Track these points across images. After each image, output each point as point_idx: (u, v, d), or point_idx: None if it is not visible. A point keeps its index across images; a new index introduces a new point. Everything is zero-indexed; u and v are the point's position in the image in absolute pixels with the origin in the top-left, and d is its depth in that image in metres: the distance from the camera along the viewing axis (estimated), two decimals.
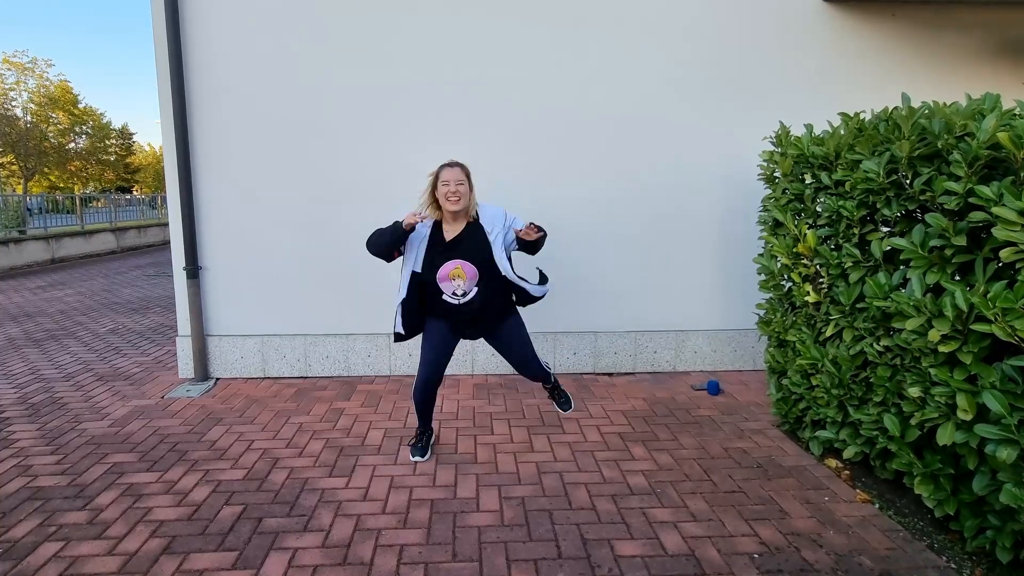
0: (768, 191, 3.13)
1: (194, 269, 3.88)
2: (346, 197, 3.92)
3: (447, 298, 2.60)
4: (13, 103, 21.53)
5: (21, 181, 21.95)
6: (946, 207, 1.97)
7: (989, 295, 1.74)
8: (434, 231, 2.62)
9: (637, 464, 2.77)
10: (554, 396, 3.09)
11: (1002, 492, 1.77)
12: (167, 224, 8.73)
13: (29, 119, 21.85)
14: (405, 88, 3.84)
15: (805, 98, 3.88)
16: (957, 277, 2.02)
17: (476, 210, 2.66)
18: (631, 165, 3.98)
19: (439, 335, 2.71)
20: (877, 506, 2.38)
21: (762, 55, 3.94)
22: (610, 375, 4.15)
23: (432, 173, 2.63)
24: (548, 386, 3.07)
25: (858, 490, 2.49)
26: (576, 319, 4.13)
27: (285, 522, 2.28)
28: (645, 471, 2.70)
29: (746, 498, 2.45)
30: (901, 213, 2.29)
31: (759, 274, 3.15)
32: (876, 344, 2.34)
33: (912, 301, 2.02)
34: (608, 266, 4.08)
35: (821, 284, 2.72)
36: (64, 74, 38.97)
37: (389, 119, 3.87)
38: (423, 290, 2.64)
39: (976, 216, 1.84)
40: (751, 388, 3.84)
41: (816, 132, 2.83)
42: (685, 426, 3.22)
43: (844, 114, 2.61)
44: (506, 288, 2.70)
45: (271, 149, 3.87)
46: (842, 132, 2.55)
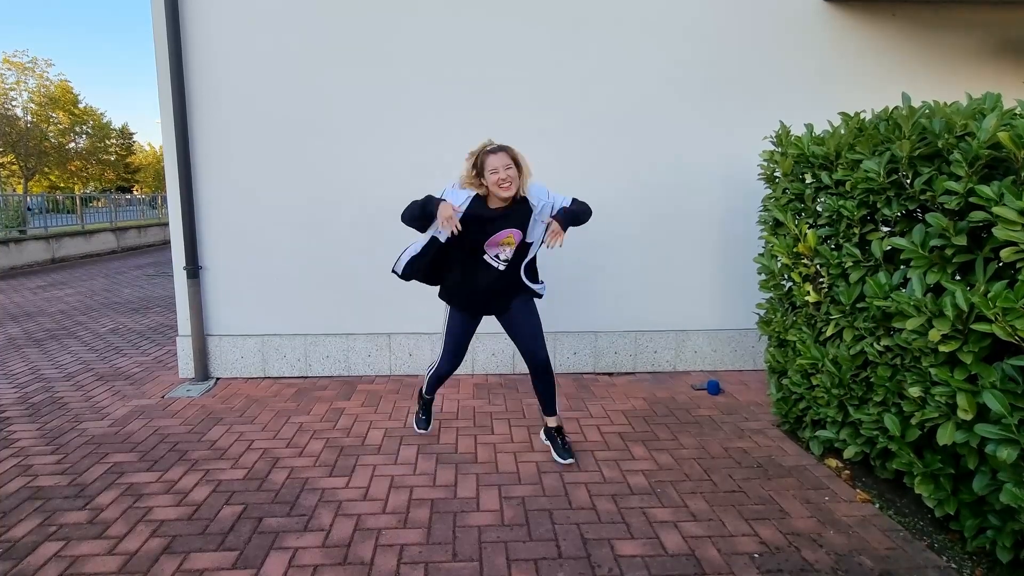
0: (768, 191, 3.13)
1: (194, 269, 3.88)
2: (346, 197, 3.92)
3: (489, 260, 2.59)
4: (13, 103, 21.55)
5: (21, 181, 21.96)
6: (946, 207, 1.97)
7: (989, 295, 1.74)
8: (482, 203, 2.53)
9: (637, 464, 2.77)
10: (552, 439, 2.83)
11: (1002, 492, 1.77)
12: (167, 224, 8.72)
13: (29, 119, 21.86)
14: (405, 88, 3.84)
15: (805, 98, 3.88)
16: (957, 277, 2.01)
17: (526, 189, 2.58)
18: (631, 165, 3.98)
19: (462, 326, 2.76)
20: (877, 506, 2.38)
21: (762, 55, 3.94)
22: (610, 375, 4.15)
23: (472, 154, 2.53)
24: (552, 425, 2.83)
25: (858, 490, 2.49)
26: (576, 319, 4.13)
27: (285, 522, 2.28)
28: (645, 471, 2.70)
29: (746, 498, 2.45)
30: (901, 213, 2.28)
31: (759, 274, 3.15)
32: (876, 344, 2.34)
33: (912, 301, 2.02)
34: (608, 266, 4.08)
35: (821, 284, 2.72)
36: (64, 74, 39.01)
37: (389, 119, 3.87)
38: (441, 256, 2.61)
39: (976, 216, 1.84)
40: (751, 388, 3.84)
41: (816, 132, 2.83)
42: (685, 426, 3.22)
43: (844, 114, 2.61)
44: (520, 265, 2.68)
45: (271, 149, 3.87)
46: (842, 132, 2.55)
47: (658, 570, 1.98)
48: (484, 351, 4.12)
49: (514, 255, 2.62)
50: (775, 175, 3.07)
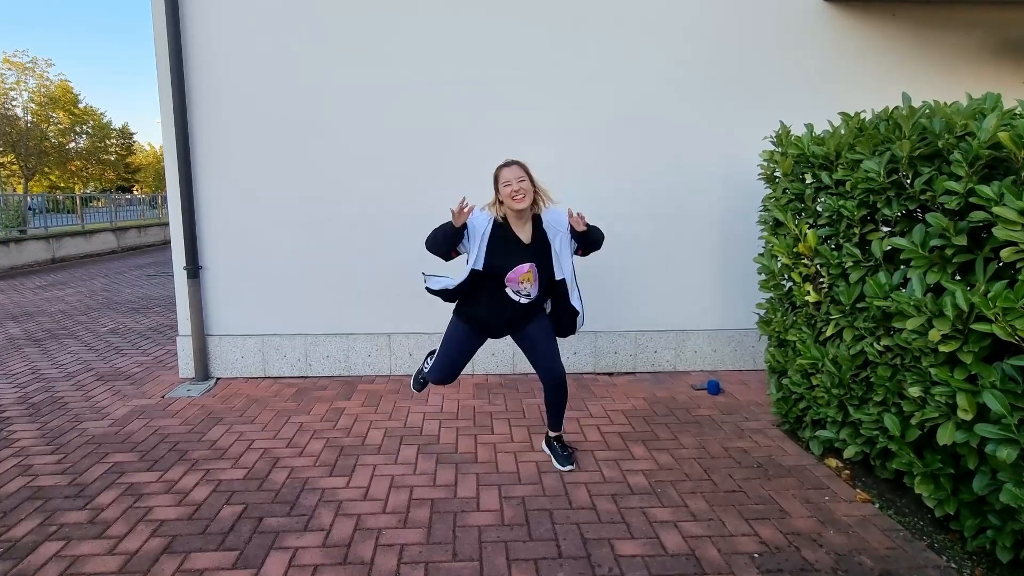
0: (768, 191, 3.13)
1: (194, 269, 3.88)
2: (346, 197, 3.92)
3: (510, 294, 2.56)
4: (13, 103, 21.52)
5: (21, 181, 21.95)
6: (947, 207, 1.97)
7: (989, 295, 1.74)
8: (504, 228, 2.55)
9: (637, 464, 2.77)
10: (552, 448, 2.82)
11: (1002, 492, 1.77)
12: (167, 224, 8.72)
13: (29, 119, 21.84)
14: (405, 88, 3.84)
15: (805, 98, 3.88)
16: (957, 277, 2.01)
17: (542, 206, 2.59)
18: (631, 165, 3.98)
19: (466, 339, 2.69)
20: (877, 506, 2.38)
21: (762, 55, 3.94)
22: (610, 375, 4.15)
23: (493, 175, 2.57)
24: (552, 435, 2.84)
25: (858, 490, 2.49)
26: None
27: (285, 522, 2.28)
28: (645, 471, 2.70)
29: (746, 498, 2.45)
30: (901, 213, 2.28)
31: (759, 274, 3.15)
32: (876, 344, 2.34)
33: (912, 301, 2.02)
34: (608, 265, 4.07)
35: (821, 284, 2.72)
36: (64, 74, 38.93)
37: (389, 119, 3.87)
38: (477, 283, 2.57)
39: (977, 216, 1.84)
40: (751, 388, 3.84)
41: (816, 132, 2.83)
42: (685, 426, 3.22)
43: (844, 114, 2.61)
44: (549, 291, 2.66)
45: (271, 149, 3.87)
46: (842, 132, 2.55)
47: (658, 570, 1.98)
48: (484, 351, 4.12)
49: (538, 292, 2.59)
50: (775, 175, 3.07)
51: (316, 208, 3.93)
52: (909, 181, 2.20)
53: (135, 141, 33.59)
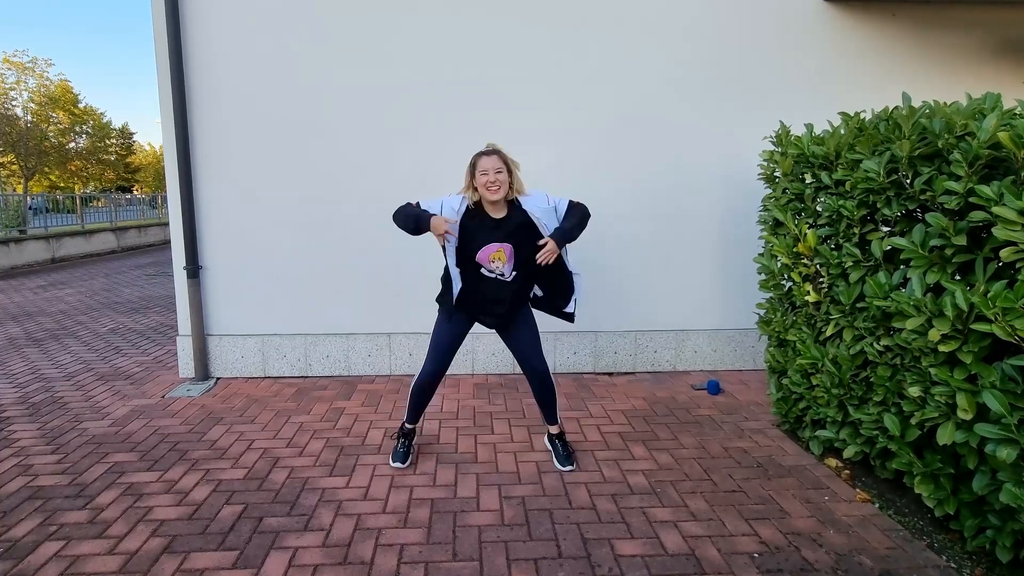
0: (768, 191, 3.13)
1: (194, 268, 3.88)
2: (346, 197, 3.92)
3: (485, 273, 2.55)
4: (13, 103, 21.51)
5: (21, 181, 21.94)
6: (946, 207, 1.97)
7: (989, 295, 1.74)
8: (476, 212, 2.53)
9: (637, 463, 2.77)
10: (554, 445, 2.81)
11: (1002, 491, 1.77)
12: (167, 224, 8.69)
13: (29, 119, 21.84)
14: (405, 88, 3.84)
15: (805, 98, 3.88)
16: (957, 277, 2.02)
17: (519, 194, 2.57)
18: (631, 165, 3.98)
19: (457, 324, 2.68)
20: (877, 505, 2.38)
21: (762, 55, 3.94)
22: (610, 375, 4.15)
23: (470, 161, 2.56)
24: (553, 432, 2.82)
25: (858, 490, 2.50)
26: (576, 318, 4.12)
27: (285, 521, 2.28)
28: (645, 470, 2.70)
29: (746, 497, 2.45)
30: (901, 213, 2.29)
31: (759, 274, 3.15)
32: (876, 344, 2.34)
33: (912, 301, 2.02)
34: (608, 265, 4.08)
35: (821, 284, 2.72)
36: (64, 74, 38.90)
37: (389, 119, 3.87)
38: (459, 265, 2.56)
39: (976, 216, 1.84)
40: (751, 388, 3.84)
41: (816, 132, 2.83)
42: (685, 426, 3.22)
43: (844, 114, 2.61)
44: (534, 278, 2.67)
45: (271, 149, 3.87)
46: (842, 132, 2.55)
47: (658, 570, 1.98)
48: (484, 351, 4.12)
49: (514, 272, 2.57)
50: (775, 175, 3.07)
51: (316, 208, 3.93)
52: (909, 181, 2.20)
53: (135, 141, 33.61)
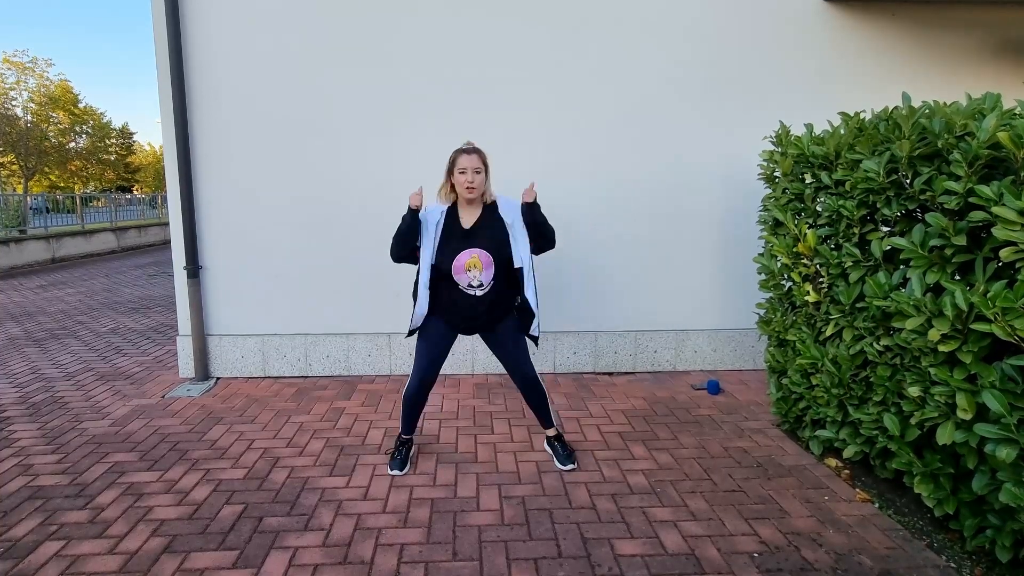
0: (768, 191, 3.13)
1: (194, 268, 3.88)
2: (346, 197, 3.93)
3: (464, 289, 2.51)
4: (13, 103, 21.51)
5: (21, 181, 21.95)
6: (946, 207, 1.98)
7: (989, 295, 1.74)
8: (449, 217, 2.53)
9: (637, 463, 2.77)
10: (553, 447, 2.80)
11: (1002, 491, 1.77)
12: (167, 224, 8.70)
13: (29, 119, 21.83)
14: (405, 88, 3.84)
15: (805, 98, 3.88)
16: (957, 277, 2.02)
17: (492, 196, 2.57)
18: (631, 165, 3.98)
19: (438, 333, 2.63)
20: (877, 505, 2.38)
21: (762, 55, 3.94)
22: (610, 374, 4.15)
23: (450, 158, 2.54)
24: (551, 435, 2.82)
25: (858, 489, 2.50)
26: (576, 318, 4.13)
27: (285, 521, 2.28)
28: (645, 470, 2.70)
29: (746, 497, 2.45)
30: (901, 213, 2.29)
31: (759, 274, 3.15)
32: (876, 344, 2.34)
33: (912, 300, 2.02)
34: (608, 265, 4.09)
35: (821, 284, 2.72)
36: (64, 74, 38.93)
37: (389, 119, 3.87)
38: (437, 279, 2.54)
39: (976, 216, 1.84)
40: (751, 387, 3.84)
41: (816, 132, 2.83)
42: (685, 425, 3.22)
43: (844, 114, 2.61)
44: (516, 283, 2.61)
45: (271, 149, 3.87)
46: (842, 132, 2.55)
47: (658, 569, 1.98)
48: (484, 351, 4.12)
49: (494, 279, 2.53)
50: (775, 175, 3.07)
51: (316, 208, 3.93)
52: (909, 181, 2.20)
53: (135, 141, 33.61)
